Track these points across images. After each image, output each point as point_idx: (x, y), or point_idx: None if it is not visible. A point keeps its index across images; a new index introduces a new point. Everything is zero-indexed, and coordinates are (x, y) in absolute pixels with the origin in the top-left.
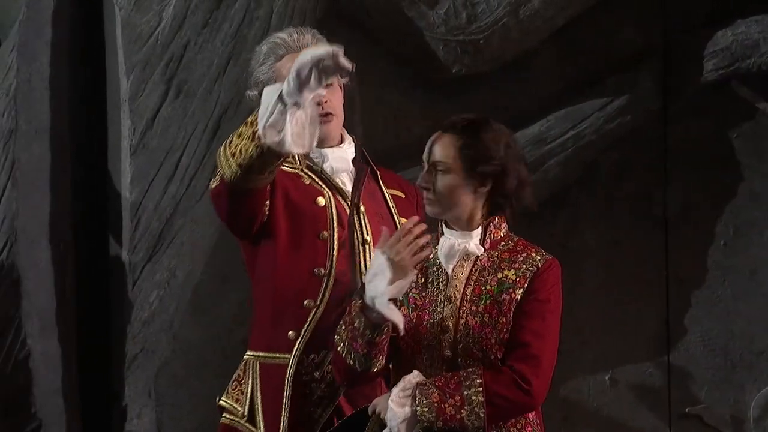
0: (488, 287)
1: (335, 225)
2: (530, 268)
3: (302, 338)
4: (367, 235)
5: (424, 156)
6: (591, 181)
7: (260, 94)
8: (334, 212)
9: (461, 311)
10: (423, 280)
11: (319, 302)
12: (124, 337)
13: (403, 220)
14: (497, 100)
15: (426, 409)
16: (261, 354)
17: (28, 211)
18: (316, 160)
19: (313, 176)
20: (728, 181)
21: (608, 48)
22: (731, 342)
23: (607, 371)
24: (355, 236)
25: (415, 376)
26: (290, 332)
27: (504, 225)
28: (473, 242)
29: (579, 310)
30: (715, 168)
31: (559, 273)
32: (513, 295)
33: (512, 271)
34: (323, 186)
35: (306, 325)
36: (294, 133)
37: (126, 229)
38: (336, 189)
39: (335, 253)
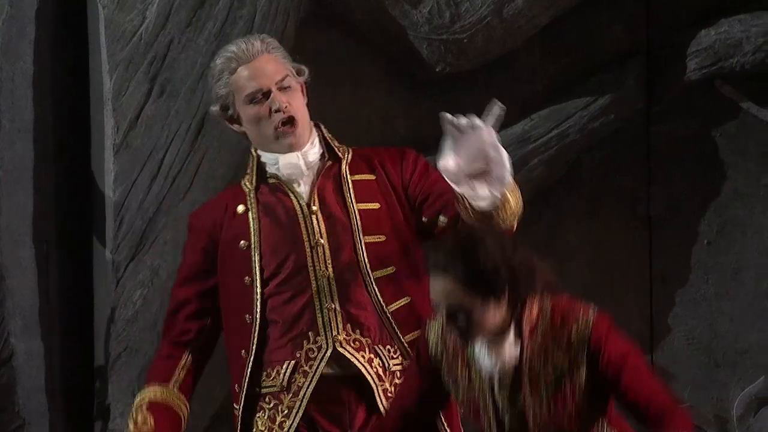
0: (545, 379)
1: (257, 268)
2: (580, 347)
3: (243, 392)
4: (322, 238)
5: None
6: (575, 180)
7: (222, 108)
8: (256, 256)
9: (528, 413)
10: (468, 376)
11: (252, 352)
12: (107, 336)
13: (364, 205)
14: (481, 99)
15: None
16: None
17: (11, 209)
18: (273, 166)
19: (253, 198)
20: (712, 180)
21: (592, 47)
22: (715, 341)
23: None
24: (308, 238)
25: None
26: (236, 385)
27: (535, 303)
28: (506, 350)
29: None
30: (698, 167)
31: (607, 320)
32: (574, 380)
33: (560, 354)
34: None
35: (244, 379)
36: None
37: (109, 228)
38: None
39: (258, 297)
